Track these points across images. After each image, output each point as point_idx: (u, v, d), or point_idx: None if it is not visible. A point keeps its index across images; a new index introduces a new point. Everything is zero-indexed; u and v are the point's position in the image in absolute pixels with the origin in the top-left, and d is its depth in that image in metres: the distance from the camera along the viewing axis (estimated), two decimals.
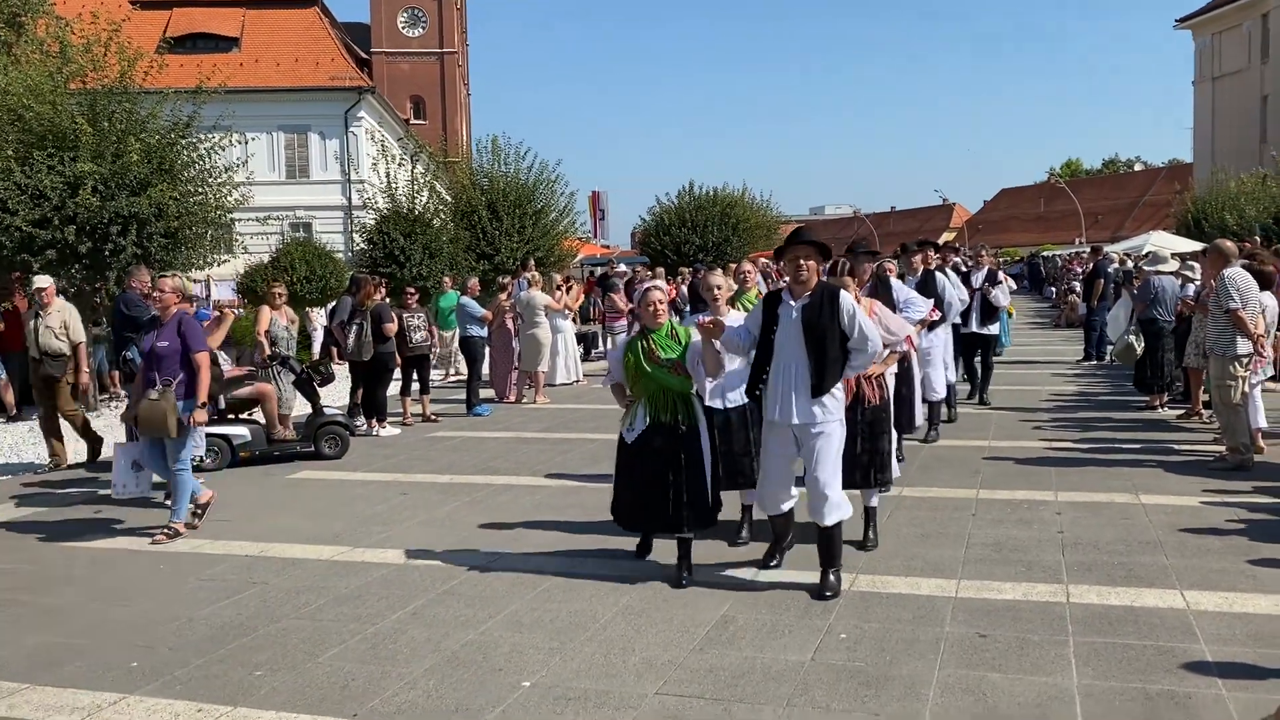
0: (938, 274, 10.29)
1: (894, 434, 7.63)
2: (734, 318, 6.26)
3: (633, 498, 5.91)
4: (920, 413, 8.81)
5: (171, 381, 7.26)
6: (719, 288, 6.34)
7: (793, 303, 5.42)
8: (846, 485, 5.77)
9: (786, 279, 5.53)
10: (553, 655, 4.77)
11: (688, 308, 14.43)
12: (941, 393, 10.11)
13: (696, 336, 5.74)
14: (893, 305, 7.58)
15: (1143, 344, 11.67)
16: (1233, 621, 4.94)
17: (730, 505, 6.37)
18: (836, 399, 5.42)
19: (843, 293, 5.42)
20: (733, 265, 9.23)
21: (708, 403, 6.30)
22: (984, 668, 4.48)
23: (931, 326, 9.44)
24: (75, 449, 11.43)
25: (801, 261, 5.38)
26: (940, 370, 10.02)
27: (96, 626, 5.45)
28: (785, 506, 5.70)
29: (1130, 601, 5.26)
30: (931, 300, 9.02)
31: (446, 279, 17.65)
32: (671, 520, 5.78)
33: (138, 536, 7.40)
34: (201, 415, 7.38)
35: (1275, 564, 5.80)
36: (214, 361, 8.04)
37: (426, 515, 7.75)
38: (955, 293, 10.46)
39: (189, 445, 7.44)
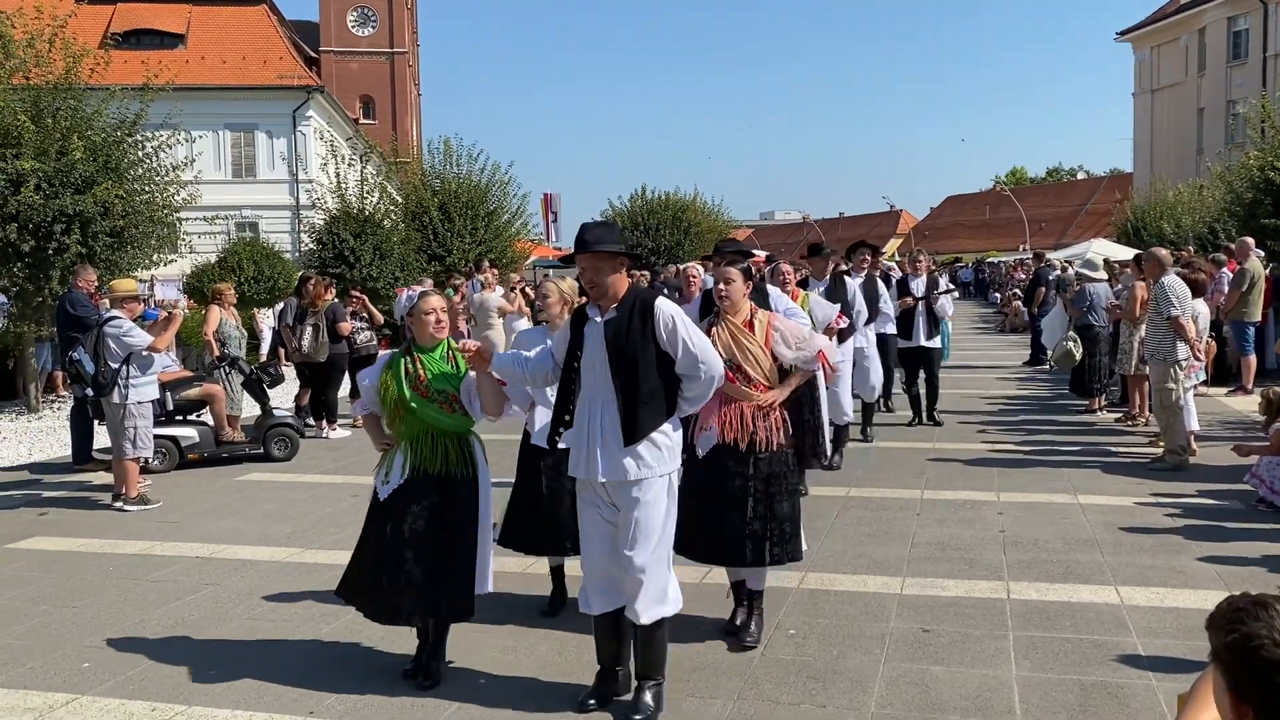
0: (846, 279, 9.42)
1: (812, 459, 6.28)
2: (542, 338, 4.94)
3: (373, 570, 4.38)
4: (826, 443, 7.20)
5: None
6: (547, 299, 4.95)
7: (597, 318, 4.08)
8: (730, 562, 4.82)
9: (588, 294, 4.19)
10: (507, 653, 4.83)
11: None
12: (850, 415, 8.98)
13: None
14: None
15: (1081, 349, 11.99)
16: (1164, 615, 5.14)
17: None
18: (661, 447, 4.04)
19: (660, 301, 4.05)
20: (683, 267, 8.79)
21: (535, 440, 5.05)
22: (927, 661, 4.63)
23: (840, 338, 8.14)
24: (16, 451, 11.24)
25: (590, 276, 4.04)
26: (849, 389, 8.96)
27: (46, 628, 5.41)
28: (610, 605, 4.17)
29: (1067, 597, 5.45)
30: (837, 305, 8.00)
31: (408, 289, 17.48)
32: (422, 605, 4.34)
33: (85, 538, 7.32)
34: None
35: (1205, 560, 6.04)
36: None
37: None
38: (884, 306, 10.12)
39: None
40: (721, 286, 4.83)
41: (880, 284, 10.43)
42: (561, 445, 4.24)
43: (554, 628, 5.15)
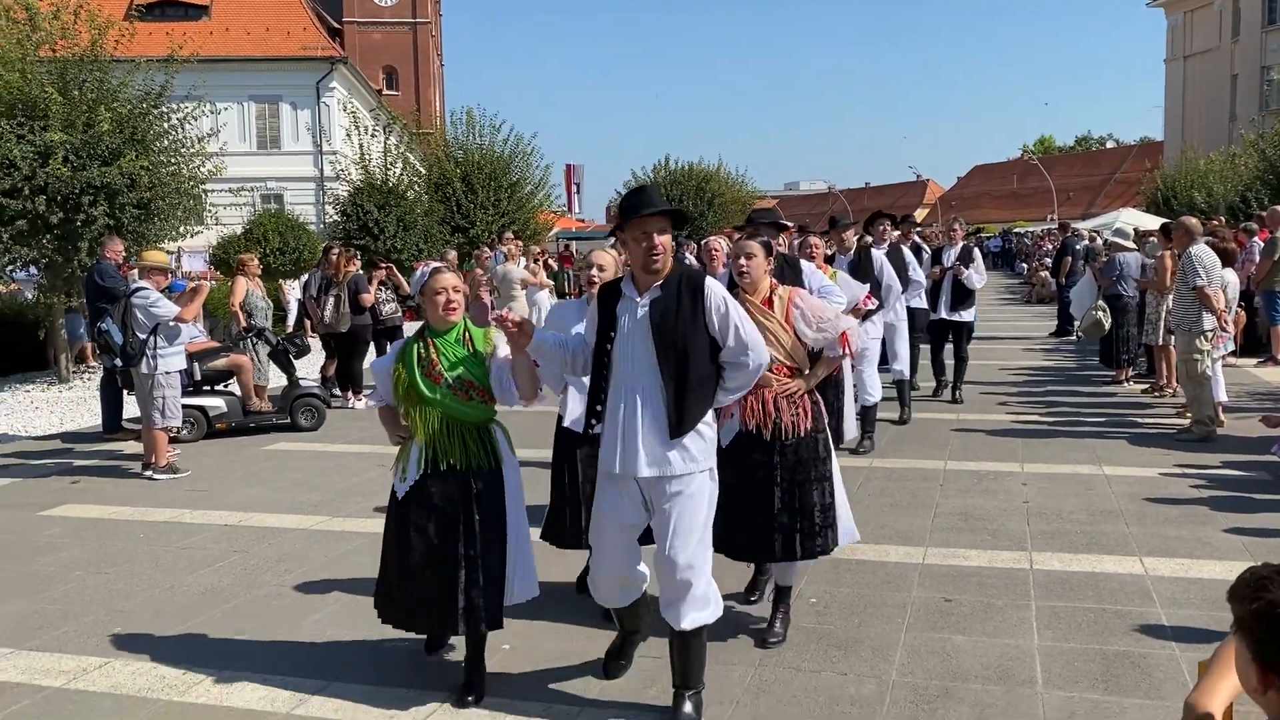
0: (874, 251, 8.85)
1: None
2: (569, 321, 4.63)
3: (403, 580, 4.06)
4: (853, 424, 7.23)
5: None
6: (600, 269, 4.55)
7: (637, 298, 3.75)
8: (757, 557, 4.62)
9: (632, 263, 3.84)
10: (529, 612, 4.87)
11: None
12: (877, 396, 8.57)
13: (503, 348, 4.09)
14: None
15: (1110, 319, 11.88)
16: (1188, 586, 5.12)
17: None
18: (705, 439, 3.78)
19: (711, 281, 3.78)
20: (704, 241, 8.11)
21: (569, 423, 4.77)
22: (949, 630, 4.64)
23: (865, 317, 7.71)
24: (48, 421, 11.41)
25: (655, 238, 3.69)
26: (875, 369, 8.61)
27: (79, 593, 5.51)
28: (633, 595, 4.04)
29: (1091, 568, 5.44)
30: (866, 285, 7.56)
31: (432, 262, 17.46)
32: (451, 613, 3.97)
33: (116, 506, 7.44)
34: None
35: (1231, 531, 6.01)
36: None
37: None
38: (914, 274, 9.56)
39: None
40: (742, 261, 4.52)
41: (907, 253, 9.87)
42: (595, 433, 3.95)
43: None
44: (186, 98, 15.31)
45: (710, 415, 3.80)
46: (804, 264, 6.41)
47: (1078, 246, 18.75)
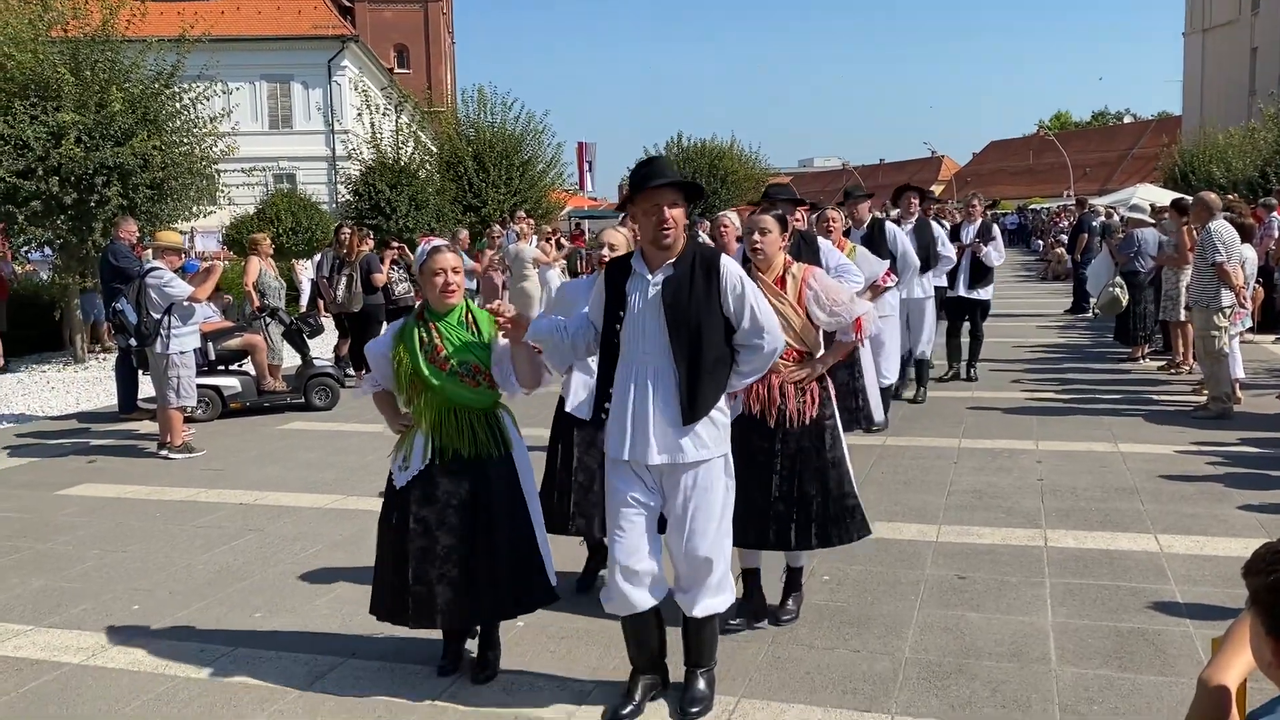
0: (888, 224, 8.63)
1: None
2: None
3: (397, 569, 3.87)
4: (879, 405, 7.09)
5: None
6: (612, 248, 4.46)
7: (649, 275, 3.59)
8: (752, 543, 4.35)
9: (642, 239, 3.65)
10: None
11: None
12: (894, 376, 8.36)
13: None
14: None
15: (1127, 296, 11.79)
16: (1203, 563, 5.10)
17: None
18: (718, 425, 3.63)
19: (726, 259, 3.63)
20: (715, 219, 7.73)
21: (570, 408, 4.66)
22: (962, 607, 4.64)
23: (882, 293, 7.48)
24: (64, 401, 11.48)
25: (666, 210, 3.51)
26: (896, 349, 8.39)
27: (96, 571, 5.56)
28: (650, 600, 3.66)
29: (1106, 545, 5.42)
30: (886, 262, 7.38)
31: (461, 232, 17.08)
32: (474, 608, 3.88)
33: (132, 485, 7.49)
34: None
35: (1247, 508, 5.98)
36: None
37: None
38: (943, 250, 9.34)
39: None
40: (756, 237, 4.33)
41: (936, 227, 9.59)
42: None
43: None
44: (198, 77, 15.28)
45: (724, 400, 3.67)
46: (821, 241, 6.22)
47: (1094, 223, 18.60)
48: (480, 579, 3.82)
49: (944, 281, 10.11)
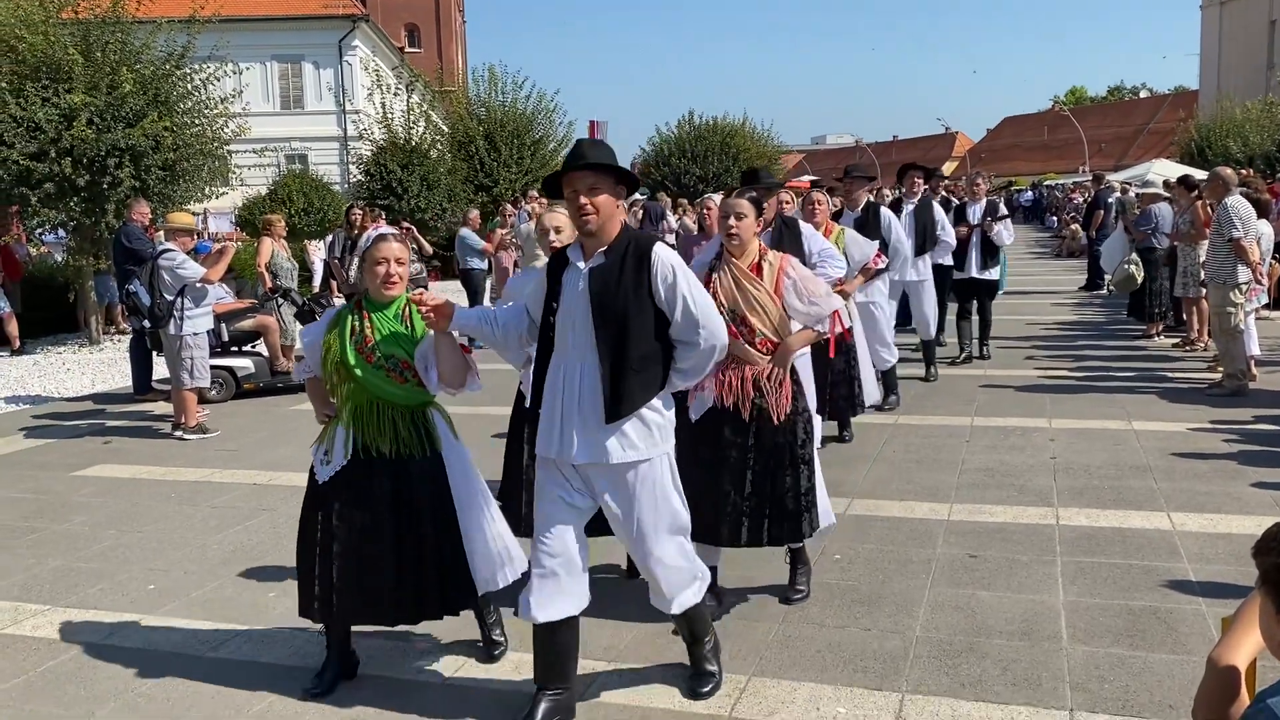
0: (884, 210, 8.39)
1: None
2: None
3: (321, 576, 3.72)
4: (874, 386, 7.21)
5: None
6: (558, 230, 4.12)
7: (581, 264, 3.40)
8: (721, 540, 4.21)
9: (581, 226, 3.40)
10: None
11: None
12: (894, 358, 8.28)
13: None
14: (803, 260, 5.30)
15: (1143, 273, 11.70)
16: (1216, 541, 5.08)
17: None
18: (651, 426, 3.40)
19: (659, 248, 3.37)
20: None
21: (530, 404, 4.10)
22: (974, 586, 4.63)
23: (873, 276, 7.43)
24: (80, 382, 11.56)
25: (584, 199, 3.31)
26: (890, 331, 8.22)
27: (113, 551, 5.61)
28: (568, 608, 3.45)
29: (1118, 523, 5.40)
30: (876, 244, 7.18)
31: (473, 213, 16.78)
32: (395, 609, 3.73)
33: (147, 466, 7.54)
34: None
35: (1261, 486, 5.95)
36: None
37: None
38: (943, 234, 9.18)
39: None
40: (731, 222, 4.16)
41: (938, 210, 9.46)
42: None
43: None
44: (209, 58, 15.28)
45: (661, 400, 3.42)
46: (804, 226, 6.01)
47: (1109, 199, 18.45)
48: (406, 579, 3.67)
49: (950, 261, 9.96)
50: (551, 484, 3.45)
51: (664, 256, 3.35)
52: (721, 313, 3.86)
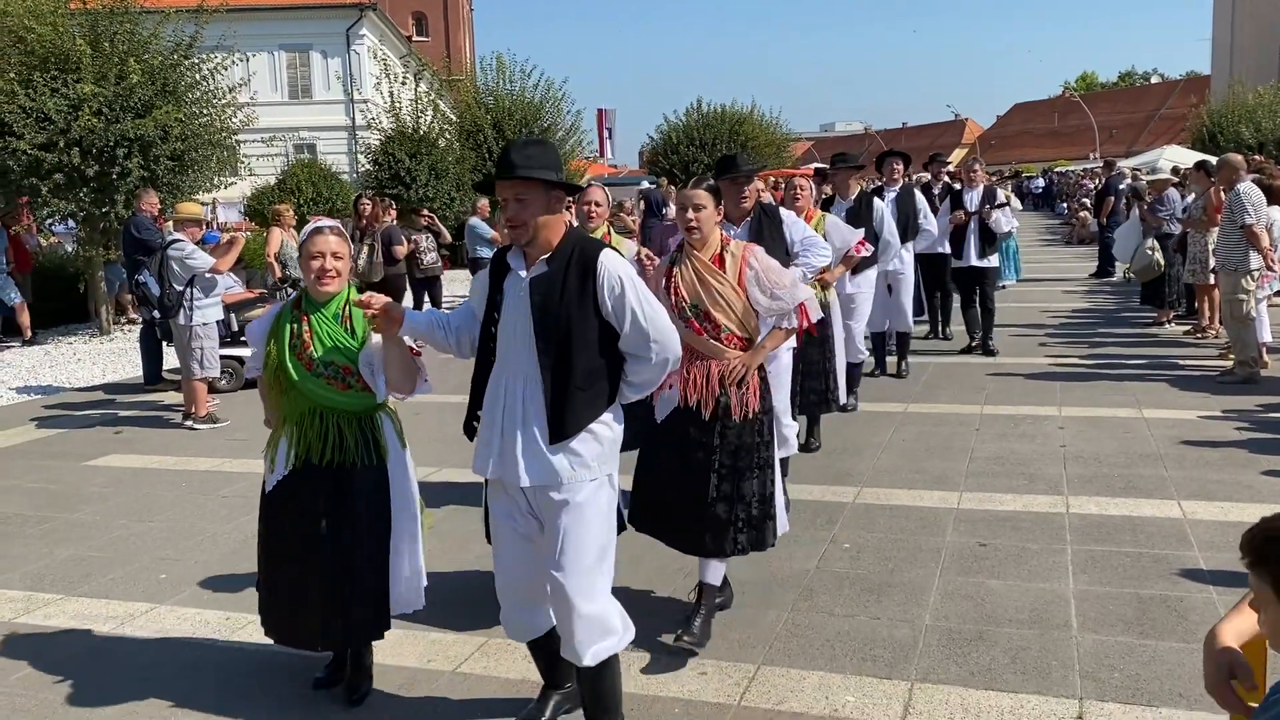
0: (877, 201, 8.05)
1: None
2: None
3: (273, 589, 3.65)
4: (844, 387, 6.76)
5: None
6: (696, 209, 3.99)
7: (522, 272, 3.16)
8: (685, 547, 4.01)
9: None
10: None
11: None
12: (864, 354, 8.06)
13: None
14: (785, 249, 5.29)
15: (1163, 259, 11.62)
16: (1227, 530, 5.06)
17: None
18: (602, 441, 3.15)
19: (606, 255, 3.11)
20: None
21: None
22: (983, 575, 4.63)
23: (859, 267, 7.24)
24: (90, 372, 11.60)
25: (510, 204, 3.09)
26: (864, 325, 7.87)
27: (124, 541, 5.64)
28: (540, 622, 3.36)
29: (1128, 512, 5.39)
30: (860, 231, 6.92)
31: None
32: (322, 628, 3.55)
33: (158, 455, 7.57)
34: None
35: (1272, 474, 5.92)
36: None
37: (439, 433, 7.88)
38: (924, 222, 9.09)
39: None
40: (689, 214, 3.95)
41: (919, 197, 9.28)
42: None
43: None
44: (217, 48, 15.27)
45: (611, 414, 3.18)
46: (785, 213, 5.68)
47: (1120, 186, 18.34)
48: (339, 599, 3.51)
49: (948, 249, 9.97)
50: (499, 509, 3.25)
51: (611, 266, 3.08)
52: (684, 307, 3.90)
